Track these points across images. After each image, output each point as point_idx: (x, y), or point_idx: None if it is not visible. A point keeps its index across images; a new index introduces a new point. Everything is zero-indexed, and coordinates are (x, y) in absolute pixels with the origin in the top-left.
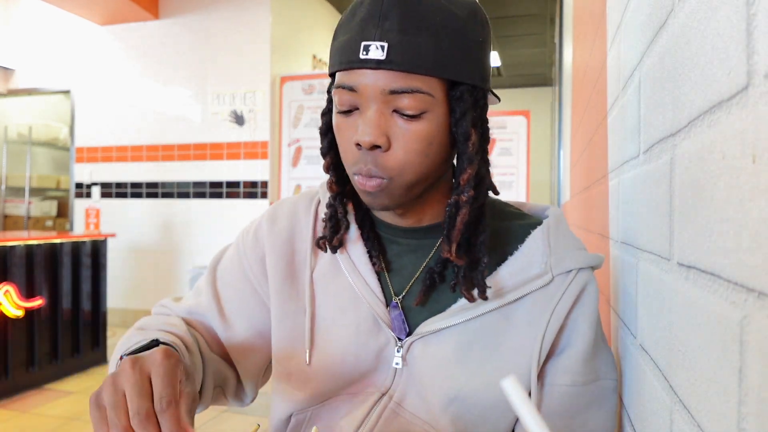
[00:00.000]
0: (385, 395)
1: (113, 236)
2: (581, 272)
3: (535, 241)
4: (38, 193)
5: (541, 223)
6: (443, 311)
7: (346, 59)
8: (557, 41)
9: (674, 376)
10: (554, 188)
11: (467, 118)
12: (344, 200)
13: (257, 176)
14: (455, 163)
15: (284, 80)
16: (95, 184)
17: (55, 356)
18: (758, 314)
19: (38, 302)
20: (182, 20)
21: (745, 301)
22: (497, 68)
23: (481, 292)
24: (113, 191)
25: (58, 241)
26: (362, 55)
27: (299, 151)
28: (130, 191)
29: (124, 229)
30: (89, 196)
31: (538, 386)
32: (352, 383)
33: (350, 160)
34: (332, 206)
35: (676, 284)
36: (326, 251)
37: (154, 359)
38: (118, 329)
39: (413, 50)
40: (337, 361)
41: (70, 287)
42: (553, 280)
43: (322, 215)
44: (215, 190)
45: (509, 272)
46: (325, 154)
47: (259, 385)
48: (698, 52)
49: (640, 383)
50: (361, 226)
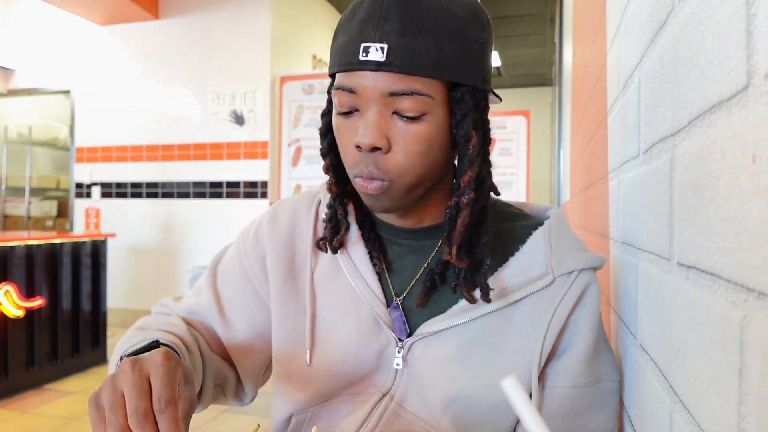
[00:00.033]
0: (386, 396)
1: (113, 236)
2: (583, 273)
3: (536, 242)
4: (38, 193)
5: (542, 223)
6: (444, 312)
7: (345, 61)
8: (557, 41)
9: (674, 376)
10: (554, 188)
11: (468, 119)
12: (344, 201)
13: (257, 176)
14: (456, 164)
15: (284, 80)
16: (95, 184)
17: (55, 356)
18: (758, 314)
19: (38, 302)
20: (182, 20)
21: (745, 301)
22: (497, 68)
23: (484, 294)
24: (113, 191)
25: (58, 241)
26: (362, 56)
27: (299, 151)
28: (130, 191)
29: (124, 229)
30: (89, 196)
31: (539, 388)
32: (352, 384)
33: (351, 162)
34: (332, 207)
35: (676, 284)
36: (326, 252)
37: (153, 360)
38: (118, 329)
39: (413, 52)
40: (337, 361)
41: (70, 287)
42: (554, 281)
43: (322, 215)
44: (215, 190)
45: (510, 273)
46: (325, 155)
47: (258, 385)
48: (698, 52)
49: (640, 383)
50: (361, 226)
